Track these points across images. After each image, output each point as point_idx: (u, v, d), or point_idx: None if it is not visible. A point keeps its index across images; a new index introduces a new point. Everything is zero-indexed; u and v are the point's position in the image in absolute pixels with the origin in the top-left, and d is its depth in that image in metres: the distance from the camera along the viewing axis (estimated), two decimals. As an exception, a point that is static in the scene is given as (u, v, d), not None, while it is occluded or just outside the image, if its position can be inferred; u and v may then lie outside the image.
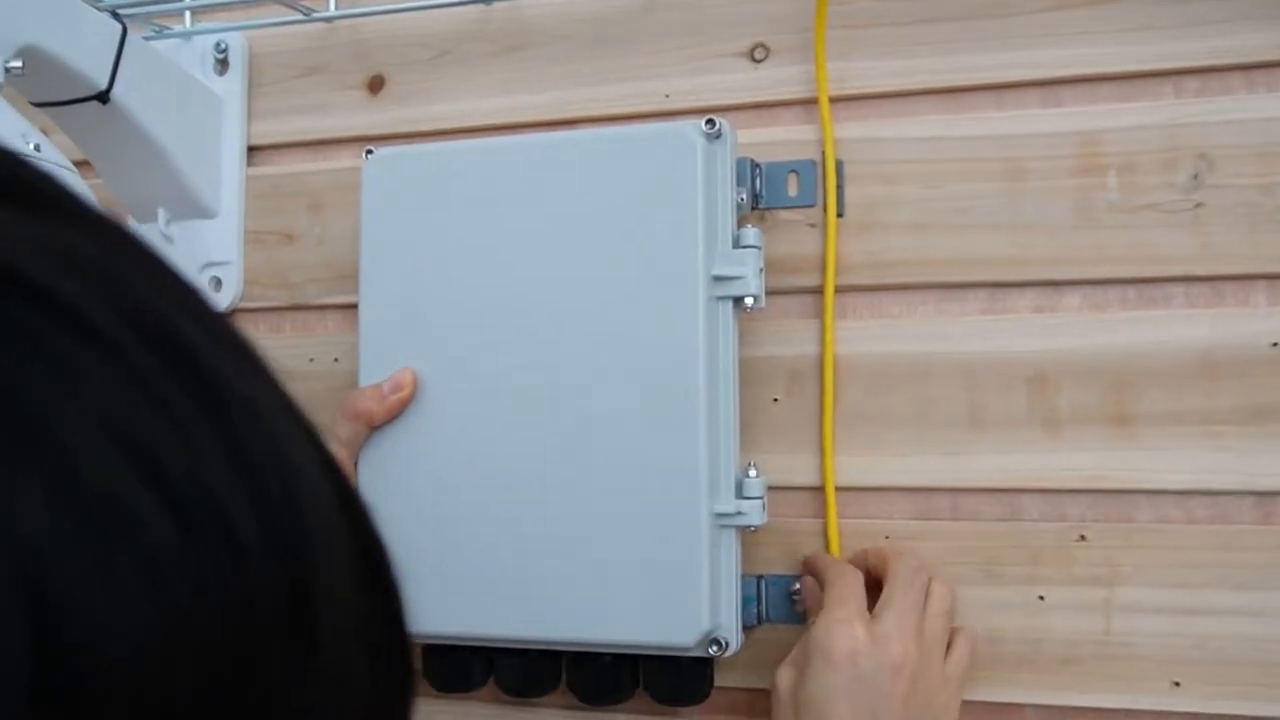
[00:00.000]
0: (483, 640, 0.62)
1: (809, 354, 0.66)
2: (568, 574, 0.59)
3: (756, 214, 0.65)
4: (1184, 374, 0.61)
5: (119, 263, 0.21)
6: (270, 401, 0.22)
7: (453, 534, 0.61)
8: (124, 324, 0.20)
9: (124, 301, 0.20)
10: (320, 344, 0.75)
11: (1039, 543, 0.62)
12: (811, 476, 0.65)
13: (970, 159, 0.64)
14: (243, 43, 0.77)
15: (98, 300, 0.20)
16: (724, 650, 0.58)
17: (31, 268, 0.19)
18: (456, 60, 0.74)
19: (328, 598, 0.21)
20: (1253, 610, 0.59)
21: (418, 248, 0.63)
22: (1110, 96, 0.63)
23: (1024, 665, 0.62)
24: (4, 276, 0.19)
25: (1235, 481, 0.60)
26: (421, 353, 0.62)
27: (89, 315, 0.19)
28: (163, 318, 0.21)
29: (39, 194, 0.22)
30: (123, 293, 0.20)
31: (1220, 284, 0.61)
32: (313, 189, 0.76)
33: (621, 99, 0.70)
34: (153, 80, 0.70)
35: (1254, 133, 0.60)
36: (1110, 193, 0.62)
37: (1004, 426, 0.63)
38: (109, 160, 0.72)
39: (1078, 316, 0.63)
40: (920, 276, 0.65)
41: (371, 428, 0.62)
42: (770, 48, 0.68)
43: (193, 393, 0.20)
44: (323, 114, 0.76)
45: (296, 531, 0.20)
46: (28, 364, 0.18)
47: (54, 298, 0.19)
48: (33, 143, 0.57)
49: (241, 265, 0.76)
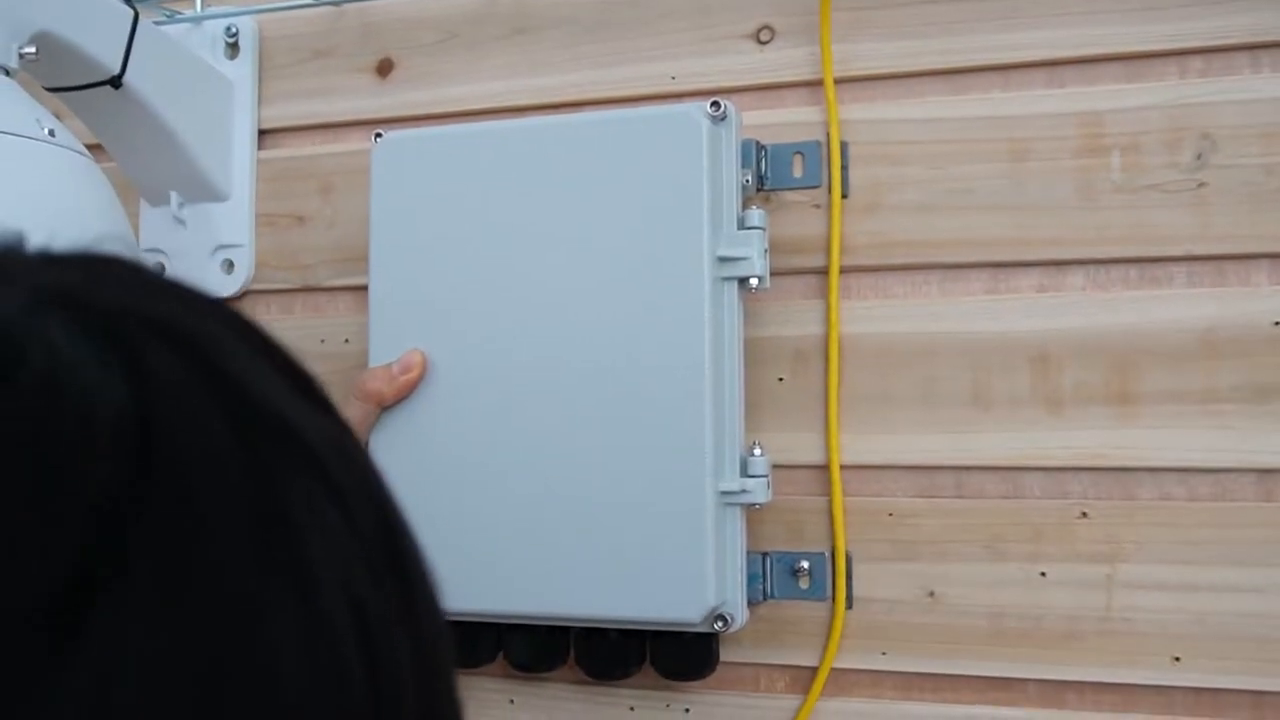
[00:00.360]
0: (492, 616, 0.63)
1: (814, 334, 0.66)
2: (575, 551, 0.60)
3: (761, 195, 0.66)
4: (1186, 353, 0.61)
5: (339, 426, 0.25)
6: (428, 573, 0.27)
7: (462, 512, 0.62)
8: (358, 489, 0.24)
9: (354, 468, 0.24)
10: (331, 325, 0.76)
11: (1041, 520, 0.63)
12: (816, 455, 0.66)
13: (974, 140, 0.65)
14: (253, 26, 0.78)
15: (336, 458, 0.23)
16: (729, 626, 0.59)
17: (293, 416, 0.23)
18: (464, 43, 0.74)
19: None
20: (1253, 586, 0.60)
21: (427, 230, 0.64)
22: (1114, 77, 0.63)
23: (1026, 640, 0.63)
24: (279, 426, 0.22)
25: (1236, 459, 0.60)
26: (430, 334, 0.63)
27: (335, 475, 0.23)
28: (377, 487, 0.25)
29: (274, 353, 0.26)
30: (354, 459, 0.25)
31: (1222, 263, 0.61)
32: (323, 172, 0.76)
33: (627, 81, 0.71)
34: (164, 65, 0.70)
35: (1258, 113, 0.61)
36: (1114, 173, 0.63)
37: (1007, 405, 0.63)
38: (121, 144, 0.73)
39: (1081, 296, 0.63)
40: (924, 257, 0.65)
41: (382, 408, 0.63)
42: (775, 29, 0.68)
43: (395, 571, 0.25)
44: (332, 97, 0.77)
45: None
46: (296, 499, 0.22)
47: (315, 455, 0.23)
48: (47, 128, 0.58)
49: (253, 248, 0.77)
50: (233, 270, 0.77)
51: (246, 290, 0.77)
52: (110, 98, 0.67)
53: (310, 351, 0.75)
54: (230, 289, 0.77)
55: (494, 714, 0.71)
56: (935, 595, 0.64)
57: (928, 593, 0.64)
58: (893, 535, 0.65)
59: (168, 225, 0.77)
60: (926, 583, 0.64)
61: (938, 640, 0.64)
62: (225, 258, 0.77)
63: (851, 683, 0.65)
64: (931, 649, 0.64)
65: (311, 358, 0.81)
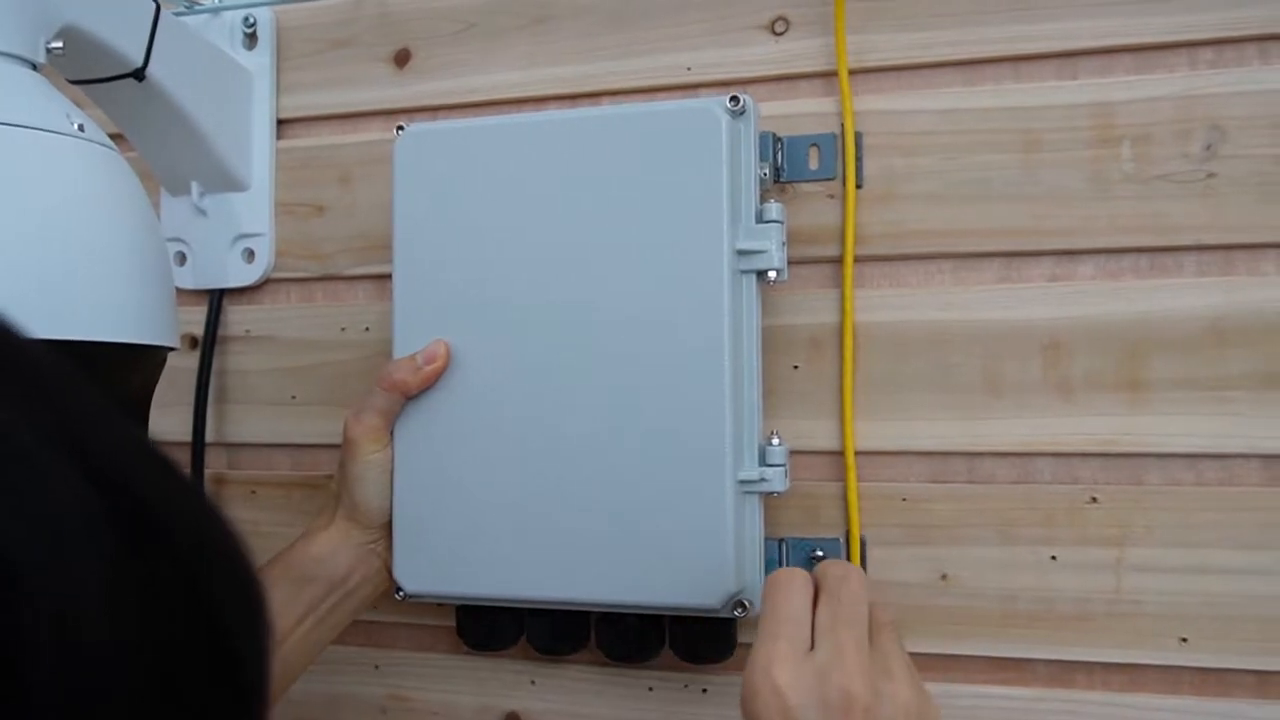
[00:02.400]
0: (515, 602, 0.65)
1: (829, 322, 0.67)
2: (598, 538, 0.61)
3: (778, 187, 0.67)
4: (1195, 341, 0.62)
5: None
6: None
7: (485, 500, 0.63)
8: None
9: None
10: (351, 314, 0.77)
11: (1052, 505, 0.64)
12: (831, 441, 0.67)
13: (987, 130, 0.65)
14: (270, 17, 0.78)
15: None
16: (748, 612, 0.60)
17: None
18: (482, 33, 0.75)
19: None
20: (1259, 569, 0.61)
21: (449, 222, 0.65)
22: (1125, 68, 0.64)
23: (1036, 622, 0.64)
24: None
25: (1243, 445, 0.62)
26: (454, 324, 0.64)
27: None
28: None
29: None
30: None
31: (1231, 253, 0.62)
32: (342, 161, 0.77)
33: (644, 72, 0.71)
34: (185, 56, 0.71)
35: (1267, 104, 0.62)
36: (1125, 163, 0.63)
37: (1019, 392, 0.65)
38: (144, 135, 0.74)
39: (1091, 285, 0.64)
40: (938, 246, 0.66)
41: (407, 397, 0.64)
42: (790, 21, 0.69)
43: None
44: (350, 87, 0.77)
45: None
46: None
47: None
48: (76, 123, 0.59)
49: (273, 237, 0.78)
50: (253, 259, 0.78)
51: (267, 278, 0.78)
52: (133, 89, 0.68)
53: (331, 340, 0.77)
54: (251, 278, 0.78)
55: (516, 695, 0.72)
56: (948, 578, 0.65)
57: (940, 576, 0.65)
58: (906, 520, 0.66)
59: (189, 215, 0.78)
60: (939, 566, 0.66)
61: (950, 622, 0.65)
62: (246, 247, 0.78)
63: (866, 663, 0.67)
64: (944, 630, 0.65)
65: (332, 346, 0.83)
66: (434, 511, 0.64)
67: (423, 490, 0.65)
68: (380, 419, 0.64)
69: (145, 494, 0.23)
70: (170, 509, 0.23)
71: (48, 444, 0.21)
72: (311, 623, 0.63)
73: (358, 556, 0.65)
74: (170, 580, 0.23)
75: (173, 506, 0.24)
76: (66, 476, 0.21)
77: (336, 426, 0.67)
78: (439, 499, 0.64)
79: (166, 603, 0.22)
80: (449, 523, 0.64)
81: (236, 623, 0.24)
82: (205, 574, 0.24)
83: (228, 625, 0.24)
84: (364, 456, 0.64)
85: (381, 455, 0.65)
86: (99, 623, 0.20)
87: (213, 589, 0.24)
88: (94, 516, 0.21)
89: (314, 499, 0.77)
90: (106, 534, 0.21)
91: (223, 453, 0.80)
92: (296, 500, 0.78)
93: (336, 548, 0.65)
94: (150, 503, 0.23)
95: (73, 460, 0.22)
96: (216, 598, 0.24)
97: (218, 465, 0.80)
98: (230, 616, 0.24)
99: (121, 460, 0.23)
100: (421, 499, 0.65)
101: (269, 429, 0.78)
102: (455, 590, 0.65)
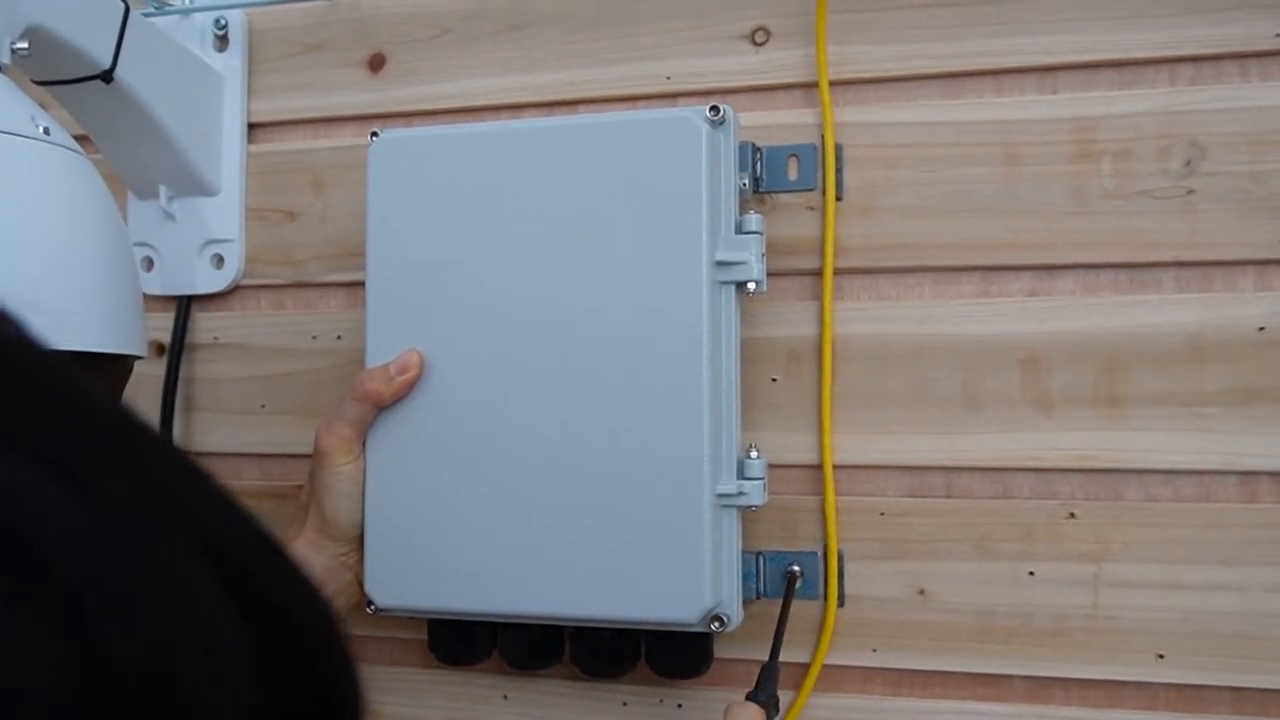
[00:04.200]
0: (489, 616, 0.64)
1: (808, 335, 0.67)
2: (574, 552, 0.60)
3: (757, 197, 0.66)
4: (1173, 357, 0.62)
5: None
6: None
7: (459, 512, 0.62)
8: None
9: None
10: (323, 321, 0.75)
11: (1030, 520, 0.64)
12: (809, 455, 0.67)
13: (967, 144, 0.65)
14: (242, 19, 0.77)
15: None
16: (725, 626, 0.60)
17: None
18: (458, 39, 0.74)
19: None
20: (1235, 585, 0.61)
21: (424, 230, 0.64)
22: (1106, 83, 0.64)
23: (1014, 638, 0.64)
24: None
25: (1220, 462, 0.62)
26: (428, 334, 0.63)
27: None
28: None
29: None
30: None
31: (1210, 269, 0.63)
32: (314, 166, 0.76)
33: (622, 80, 0.71)
34: (154, 58, 0.70)
35: (1246, 121, 0.62)
36: (1104, 179, 0.63)
37: (997, 407, 0.64)
38: (110, 138, 0.72)
39: (1070, 300, 0.64)
40: (917, 259, 0.66)
41: (379, 408, 0.63)
42: (771, 31, 0.69)
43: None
44: (323, 91, 0.76)
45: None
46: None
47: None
48: (41, 125, 0.57)
49: (243, 243, 0.77)
50: (222, 265, 0.77)
51: (237, 285, 0.77)
52: (100, 91, 0.67)
53: (302, 348, 0.75)
54: (220, 284, 0.76)
55: (489, 710, 0.71)
56: (925, 593, 0.65)
57: (918, 591, 0.65)
58: (884, 534, 0.66)
59: (156, 219, 0.76)
60: (917, 581, 0.65)
61: (928, 637, 0.65)
62: (215, 252, 0.77)
63: (842, 679, 0.66)
64: (921, 646, 0.65)
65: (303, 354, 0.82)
66: (407, 523, 0.63)
67: (395, 502, 0.64)
68: (352, 430, 0.63)
69: (271, 587, 0.24)
70: (291, 599, 0.24)
71: (189, 548, 0.22)
72: (280, 637, 0.62)
73: (328, 569, 0.64)
74: (298, 672, 0.23)
75: (294, 597, 0.24)
76: (209, 586, 0.21)
77: (306, 436, 0.66)
78: (412, 511, 0.63)
79: (296, 691, 0.23)
80: (422, 535, 0.63)
81: (345, 700, 0.25)
82: (323, 661, 0.24)
83: (336, 706, 0.25)
84: (335, 468, 0.63)
85: (353, 466, 0.63)
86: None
87: (325, 672, 0.25)
88: (237, 627, 0.22)
89: (283, 509, 0.76)
90: (241, 635, 0.22)
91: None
92: (265, 510, 0.76)
93: (306, 561, 0.63)
94: (274, 595, 0.24)
95: (209, 561, 0.22)
96: (328, 682, 0.25)
97: (184, 475, 0.78)
98: (338, 699, 0.25)
99: (247, 554, 0.23)
100: (394, 511, 0.64)
101: (237, 438, 0.77)
102: (428, 604, 0.64)
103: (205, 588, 0.21)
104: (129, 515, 0.21)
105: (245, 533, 0.24)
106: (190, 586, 0.21)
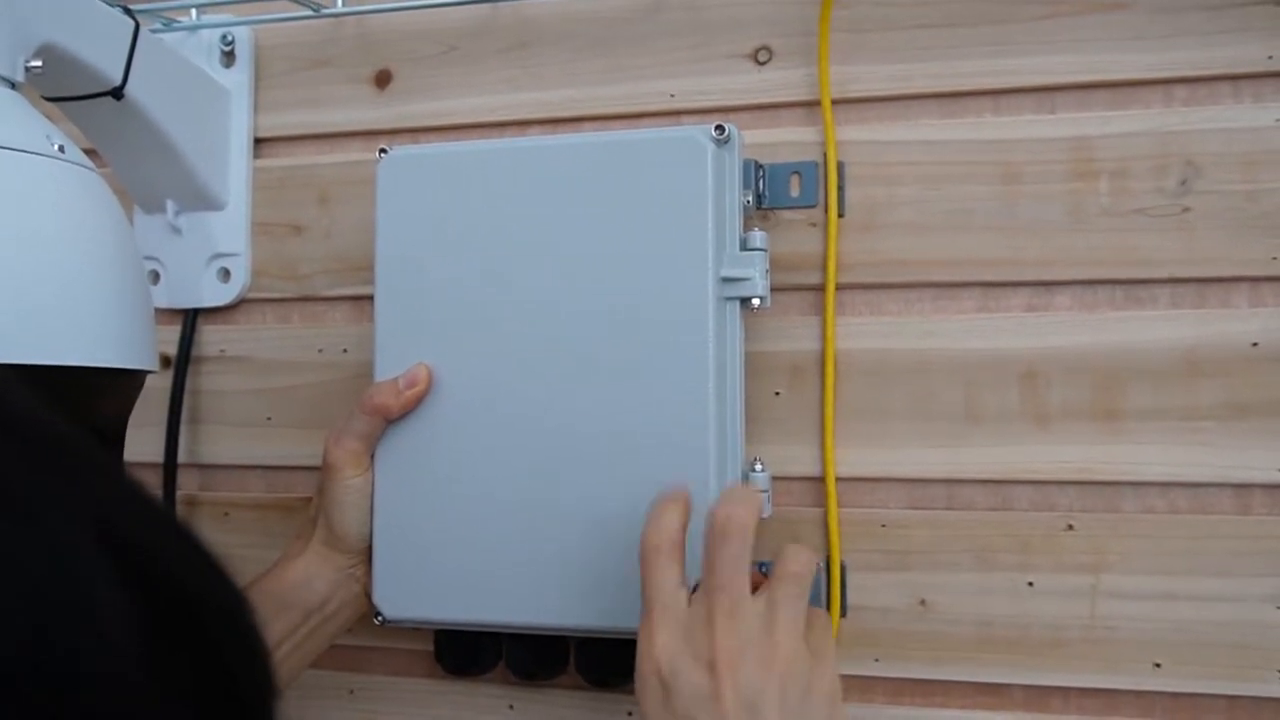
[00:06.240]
0: (496, 627, 0.64)
1: (810, 349, 0.68)
2: (580, 564, 0.61)
3: (760, 214, 0.67)
4: (1169, 372, 0.63)
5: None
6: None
7: (466, 524, 0.63)
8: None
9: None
10: (329, 335, 0.76)
11: (1029, 532, 0.65)
12: (812, 467, 0.68)
13: (967, 162, 0.66)
14: (249, 35, 0.78)
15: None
16: (731, 637, 0.60)
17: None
18: (464, 56, 0.75)
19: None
20: (1230, 596, 0.62)
21: (431, 246, 0.64)
22: (1103, 104, 0.65)
23: (1013, 648, 0.65)
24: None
25: (1215, 474, 0.63)
26: (436, 349, 0.64)
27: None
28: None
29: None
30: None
31: (1204, 286, 0.64)
32: (320, 181, 0.77)
33: (627, 98, 0.72)
34: (163, 74, 0.70)
35: (1240, 141, 0.63)
36: (1102, 197, 0.65)
37: (997, 420, 0.66)
38: (119, 152, 0.73)
39: (1068, 316, 0.65)
40: (918, 276, 0.67)
41: (388, 421, 0.64)
42: (774, 50, 0.70)
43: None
44: (330, 108, 0.77)
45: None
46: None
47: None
48: (57, 144, 0.58)
49: (250, 256, 0.77)
50: (229, 279, 0.77)
51: (243, 299, 0.78)
52: (110, 107, 0.67)
53: (307, 361, 0.76)
54: (226, 298, 0.77)
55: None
56: (926, 604, 0.66)
57: (919, 601, 0.66)
58: (886, 546, 0.67)
59: (163, 233, 0.77)
60: (918, 591, 0.66)
61: (928, 647, 0.66)
62: (221, 266, 0.77)
63: (845, 688, 0.67)
64: (922, 655, 0.66)
65: (308, 367, 0.83)
66: (415, 536, 0.64)
67: (403, 515, 0.64)
68: (361, 443, 0.64)
69: (173, 573, 0.24)
70: (198, 585, 0.25)
71: (81, 534, 0.22)
72: (288, 649, 0.63)
73: (336, 582, 0.65)
74: (198, 655, 0.24)
75: (201, 583, 0.25)
76: (102, 570, 0.22)
77: (312, 448, 0.66)
78: (420, 523, 0.64)
79: (196, 675, 0.24)
80: (430, 547, 0.64)
81: (251, 685, 0.25)
82: (230, 645, 0.25)
83: (242, 690, 0.25)
84: (344, 481, 0.64)
85: (362, 480, 0.64)
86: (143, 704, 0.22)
87: (231, 656, 0.25)
88: (130, 610, 0.22)
89: (288, 521, 0.76)
90: (142, 623, 0.22)
91: (195, 474, 0.79)
92: (270, 523, 0.77)
93: (314, 573, 0.64)
94: (176, 580, 0.24)
95: (105, 549, 0.22)
96: (234, 666, 0.25)
97: (190, 487, 0.79)
98: (244, 681, 0.25)
99: (149, 541, 0.24)
100: (402, 523, 0.64)
101: (243, 450, 0.78)
102: (436, 615, 0.65)
103: (94, 570, 0.22)
104: (19, 500, 0.22)
105: (150, 522, 0.25)
106: (78, 570, 0.22)
